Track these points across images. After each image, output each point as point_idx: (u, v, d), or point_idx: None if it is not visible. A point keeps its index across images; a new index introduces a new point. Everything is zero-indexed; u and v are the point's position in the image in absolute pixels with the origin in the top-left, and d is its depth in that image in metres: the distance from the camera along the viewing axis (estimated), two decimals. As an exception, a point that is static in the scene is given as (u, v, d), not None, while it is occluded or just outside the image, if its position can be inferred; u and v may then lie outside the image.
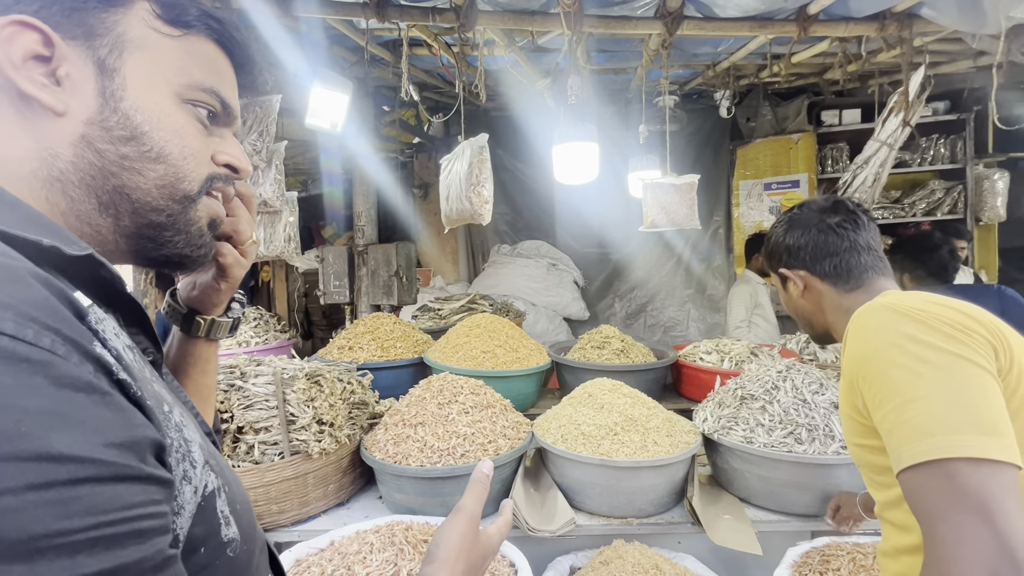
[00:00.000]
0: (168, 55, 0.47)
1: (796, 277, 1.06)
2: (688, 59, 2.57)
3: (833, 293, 1.02)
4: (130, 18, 0.46)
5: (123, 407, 0.32)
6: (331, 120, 2.19)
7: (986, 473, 0.65)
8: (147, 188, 0.46)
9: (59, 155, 0.43)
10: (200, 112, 0.49)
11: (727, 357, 2.19)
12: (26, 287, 0.32)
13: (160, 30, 0.47)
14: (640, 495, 1.53)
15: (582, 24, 1.57)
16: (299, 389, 1.54)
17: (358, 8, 1.66)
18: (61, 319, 0.32)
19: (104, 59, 0.44)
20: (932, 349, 0.74)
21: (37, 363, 0.29)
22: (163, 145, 0.46)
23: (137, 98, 0.45)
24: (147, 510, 0.31)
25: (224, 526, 0.41)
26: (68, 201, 0.43)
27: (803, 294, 1.06)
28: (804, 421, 1.56)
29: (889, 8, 1.68)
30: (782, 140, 3.86)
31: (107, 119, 0.44)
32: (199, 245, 0.51)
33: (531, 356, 2.16)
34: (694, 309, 4.34)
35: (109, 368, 0.33)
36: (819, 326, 1.08)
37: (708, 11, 1.76)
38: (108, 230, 0.46)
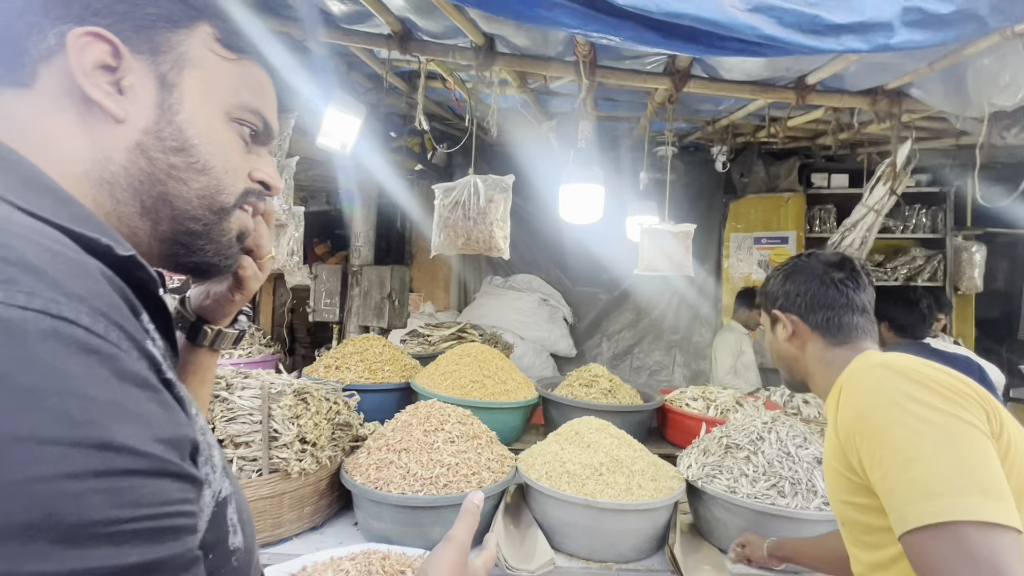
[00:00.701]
0: (222, 76, 0.50)
1: (787, 321, 1.07)
2: (690, 114, 2.69)
3: (819, 344, 1.04)
4: (192, 39, 0.49)
5: (170, 405, 0.34)
6: (342, 141, 2.24)
7: (996, 538, 0.65)
8: (189, 197, 0.48)
9: (112, 159, 0.45)
10: (244, 130, 0.52)
11: (713, 405, 2.21)
12: (96, 283, 0.33)
13: (218, 52, 0.50)
14: (622, 539, 1.51)
15: (595, 74, 1.65)
16: (285, 405, 1.52)
17: (382, 40, 1.72)
18: (123, 316, 0.33)
19: (165, 74, 0.47)
20: (932, 409, 0.74)
21: (105, 355, 0.30)
22: (208, 158, 0.49)
23: (191, 113, 0.48)
24: (183, 508, 0.32)
25: (232, 534, 0.41)
26: (113, 203, 0.46)
27: (790, 339, 1.08)
28: (788, 474, 1.57)
29: (882, 85, 1.80)
30: (773, 197, 4.00)
31: (162, 130, 0.46)
32: (227, 255, 0.53)
33: (519, 389, 2.16)
34: (680, 355, 4.37)
35: (159, 366, 0.35)
36: (798, 373, 1.10)
37: (714, 72, 1.86)
38: (145, 233, 0.48)
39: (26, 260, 0.30)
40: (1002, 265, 4.31)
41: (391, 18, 1.59)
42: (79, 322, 0.30)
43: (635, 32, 1.01)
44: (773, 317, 1.11)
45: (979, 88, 1.44)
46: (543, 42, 1.64)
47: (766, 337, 1.16)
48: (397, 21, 1.63)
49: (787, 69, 1.76)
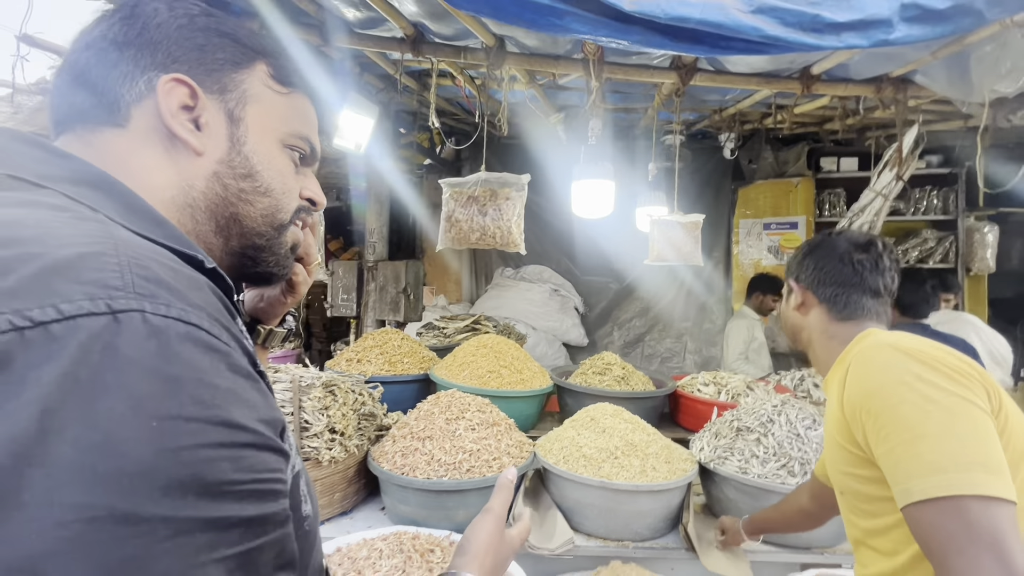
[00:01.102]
0: (277, 108, 0.57)
1: (798, 290, 1.11)
2: (697, 104, 2.71)
3: (824, 317, 1.07)
4: (252, 77, 0.55)
5: (266, 392, 0.41)
6: (356, 141, 2.30)
7: (995, 510, 0.70)
8: (255, 216, 0.55)
9: (194, 186, 0.52)
10: (295, 155, 0.59)
11: (724, 390, 2.26)
12: (207, 294, 0.40)
13: (272, 87, 0.57)
14: (638, 519, 1.58)
15: (603, 71, 1.69)
16: (315, 397, 1.60)
17: (395, 43, 1.78)
18: (228, 320, 0.40)
19: (233, 110, 0.54)
20: (937, 389, 0.78)
21: (222, 353, 0.37)
22: (270, 182, 0.55)
23: (255, 143, 0.55)
24: (278, 475, 0.39)
25: (304, 503, 0.48)
26: (193, 223, 0.52)
27: (798, 308, 1.12)
28: (797, 455, 1.62)
29: (886, 73, 1.82)
30: (782, 183, 4.01)
31: (233, 159, 0.53)
32: (285, 265, 0.60)
33: (535, 378, 2.22)
34: (691, 341, 4.41)
35: (255, 361, 0.41)
36: (800, 342, 1.15)
37: (720, 65, 1.89)
38: (218, 249, 0.54)
39: (160, 278, 0.37)
40: (1016, 245, 4.27)
41: (404, 23, 1.64)
42: (203, 326, 0.36)
43: (643, 36, 1.05)
44: (789, 286, 1.16)
45: (981, 75, 1.46)
46: (552, 42, 1.69)
47: (780, 306, 1.21)
48: (410, 25, 1.68)
49: (791, 61, 1.79)
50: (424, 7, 1.52)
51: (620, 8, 0.98)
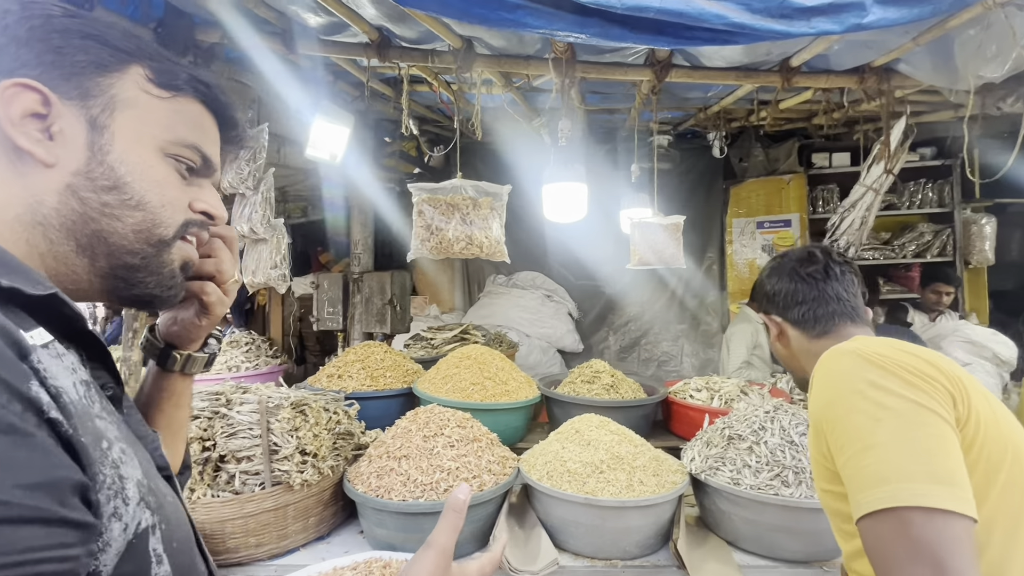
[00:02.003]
0: (156, 114, 0.52)
1: (771, 323, 1.11)
2: (679, 102, 2.66)
3: (803, 339, 1.06)
4: (124, 81, 0.51)
5: (46, 448, 0.34)
6: (331, 151, 2.25)
7: (940, 524, 0.65)
8: (124, 233, 0.49)
9: (44, 202, 0.46)
10: (180, 165, 0.54)
11: (717, 395, 2.19)
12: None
13: (151, 92, 0.52)
14: (625, 536, 1.51)
15: (574, 70, 1.64)
16: (283, 418, 1.53)
17: (360, 49, 1.72)
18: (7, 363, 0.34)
19: (96, 117, 0.49)
20: (892, 395, 0.74)
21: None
22: (143, 194, 0.50)
23: (123, 151, 0.49)
24: (51, 553, 0.32)
25: (155, 564, 0.42)
26: (48, 243, 0.47)
27: (778, 338, 1.11)
28: (791, 463, 1.55)
29: (868, 63, 1.76)
30: (774, 180, 3.95)
31: (93, 170, 0.48)
32: (169, 286, 0.54)
33: (520, 389, 2.15)
34: (688, 344, 4.34)
35: (39, 407, 0.35)
36: (796, 371, 1.12)
37: (695, 60, 1.84)
38: (84, 270, 0.49)
39: None
40: (1015, 236, 4.20)
41: (367, 27, 1.59)
42: None
43: (601, 28, 1.00)
44: (764, 322, 1.16)
45: (966, 60, 1.40)
46: (519, 42, 1.63)
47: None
48: (373, 29, 1.63)
49: (768, 53, 1.73)
50: (382, 9, 1.46)
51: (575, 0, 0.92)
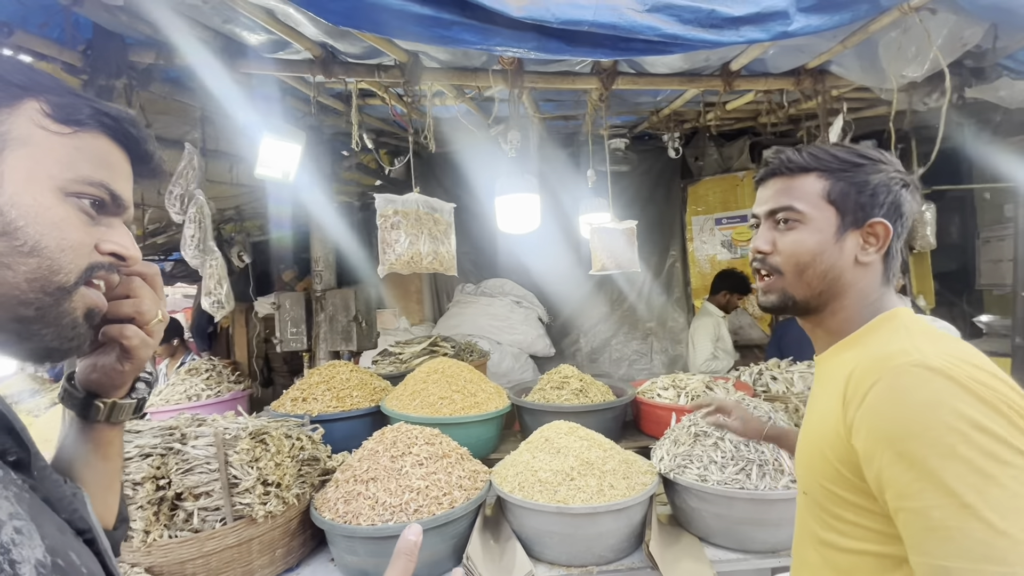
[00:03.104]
0: (54, 151, 0.48)
1: (886, 237, 0.81)
2: (631, 107, 2.71)
3: (877, 274, 0.82)
4: (16, 117, 0.47)
5: None
6: (283, 170, 2.19)
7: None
8: (15, 282, 0.45)
9: None
10: (83, 203, 0.50)
11: (683, 392, 2.23)
12: None
13: (48, 128, 0.48)
14: (599, 541, 1.51)
15: (522, 80, 1.65)
16: (242, 449, 1.48)
17: (305, 66, 1.69)
18: None
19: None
20: (1006, 447, 0.60)
21: None
22: (38, 239, 0.46)
23: (14, 194, 0.46)
24: None
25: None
26: None
27: (861, 258, 0.81)
28: (754, 456, 1.58)
29: (802, 65, 1.84)
30: (729, 178, 4.06)
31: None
32: (71, 337, 0.50)
33: (490, 400, 2.14)
34: (656, 341, 4.41)
35: None
36: (817, 296, 0.83)
37: (640, 68, 1.88)
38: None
39: None
40: (953, 220, 4.43)
41: (309, 43, 1.56)
42: None
43: (539, 42, 1.01)
44: (870, 227, 0.81)
45: (890, 61, 1.48)
46: (464, 55, 1.63)
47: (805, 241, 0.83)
48: (316, 46, 1.60)
49: (706, 59, 1.79)
50: (322, 26, 1.44)
51: (508, 14, 0.92)
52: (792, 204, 0.82)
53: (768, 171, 0.87)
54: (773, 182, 0.86)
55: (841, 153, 0.83)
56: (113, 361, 0.61)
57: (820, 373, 0.88)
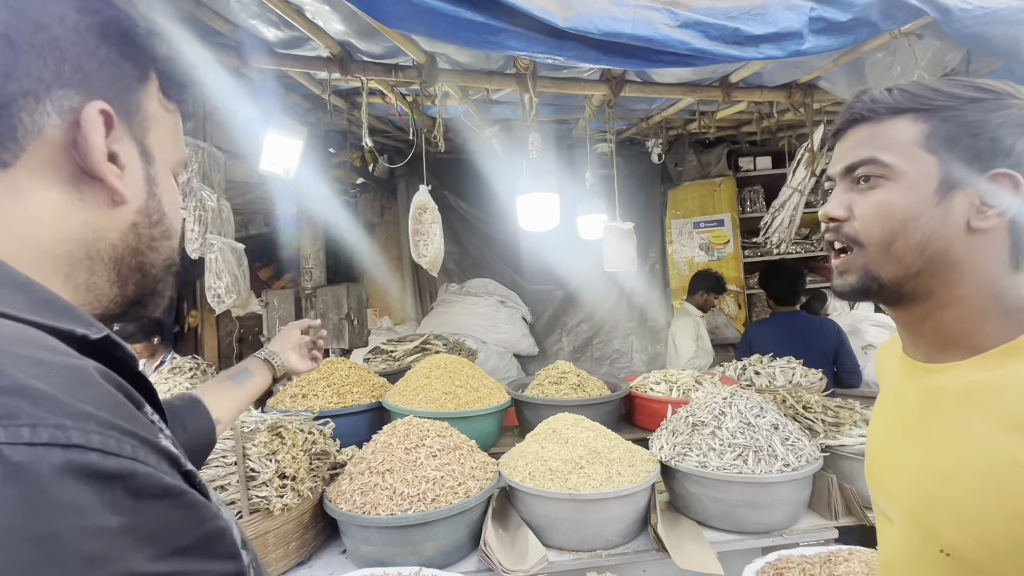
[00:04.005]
0: (171, 132, 0.47)
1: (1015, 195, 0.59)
2: (625, 113, 2.82)
3: (1004, 255, 0.61)
4: (150, 91, 0.44)
5: (195, 503, 0.32)
6: (284, 166, 2.19)
7: None
8: (158, 262, 0.46)
9: (104, 238, 0.42)
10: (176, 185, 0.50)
11: (675, 387, 2.33)
12: (96, 388, 0.30)
13: (165, 106, 0.46)
14: (608, 526, 1.58)
15: (536, 84, 1.71)
16: (260, 443, 1.49)
17: (321, 63, 1.71)
18: (132, 416, 0.31)
19: (142, 140, 0.43)
20: None
21: (122, 475, 0.28)
22: (174, 224, 0.47)
23: (162, 181, 0.46)
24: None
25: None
26: (87, 275, 0.42)
27: (975, 223, 0.60)
28: (750, 443, 1.69)
29: (795, 80, 1.99)
30: (707, 183, 4.24)
31: (151, 207, 0.44)
32: (165, 303, 0.51)
33: (491, 395, 2.19)
34: (637, 340, 4.54)
35: (178, 461, 0.33)
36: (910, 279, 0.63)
37: (647, 76, 1.98)
38: (109, 298, 0.44)
39: (20, 383, 0.27)
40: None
41: (330, 42, 1.58)
42: (91, 445, 0.27)
43: (578, 51, 1.08)
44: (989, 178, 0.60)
45: (876, 79, 1.63)
46: (485, 58, 1.69)
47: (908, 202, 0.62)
48: (336, 44, 1.62)
49: (712, 71, 1.91)
50: (352, 26, 1.47)
51: (554, 24, 0.99)
52: (875, 156, 0.62)
53: (847, 118, 0.66)
54: (853, 131, 0.65)
55: (948, 87, 0.62)
56: None
57: (944, 390, 0.62)
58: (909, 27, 1.30)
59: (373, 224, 4.69)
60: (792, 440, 1.71)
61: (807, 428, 1.93)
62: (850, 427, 1.92)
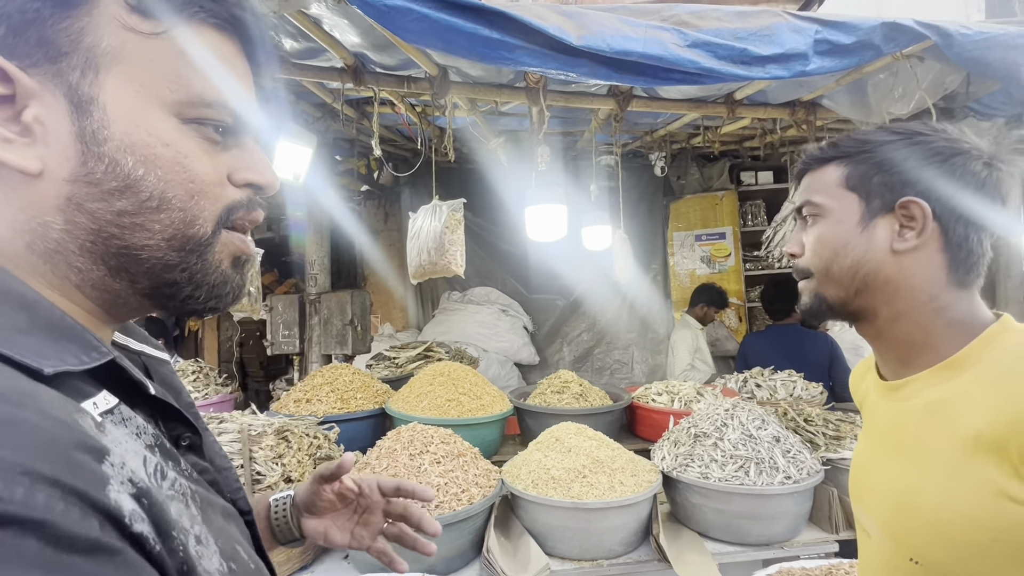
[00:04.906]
0: (156, 63, 0.36)
1: (922, 218, 0.66)
2: (630, 127, 2.87)
3: (939, 273, 0.66)
4: (98, 20, 0.34)
5: (133, 565, 0.28)
6: (294, 172, 2.22)
7: None
8: (155, 244, 0.37)
9: (49, 224, 0.34)
10: (206, 130, 0.38)
11: (676, 398, 2.35)
12: (27, 432, 0.27)
13: (139, 29, 0.35)
14: (610, 535, 1.59)
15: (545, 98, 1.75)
16: (267, 446, 1.50)
17: (335, 73, 1.74)
18: (65, 466, 0.27)
19: (76, 86, 0.34)
20: None
21: (28, 524, 0.24)
22: (163, 188, 0.36)
23: (126, 134, 0.35)
24: None
25: None
26: (77, 273, 0.36)
27: (897, 245, 0.67)
28: (751, 455, 1.71)
29: (798, 98, 2.03)
30: (709, 197, 4.28)
31: (92, 171, 0.34)
32: (224, 293, 0.42)
33: (494, 403, 2.21)
34: (637, 351, 4.56)
35: (120, 520, 0.28)
36: (852, 298, 0.71)
37: (653, 92, 2.02)
38: (126, 292, 0.39)
39: None
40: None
41: (345, 53, 1.62)
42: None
43: (590, 68, 1.11)
44: (903, 207, 0.67)
45: (878, 99, 1.67)
46: (496, 72, 1.73)
47: (832, 239, 0.72)
48: (351, 56, 1.66)
49: (718, 88, 1.96)
50: (368, 39, 1.51)
51: (568, 43, 1.02)
52: (810, 198, 0.74)
53: (798, 172, 0.80)
54: (803, 180, 0.78)
55: (865, 135, 0.72)
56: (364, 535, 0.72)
57: (907, 406, 0.68)
58: (911, 50, 1.34)
59: (377, 231, 4.72)
60: (793, 453, 1.73)
61: (808, 441, 1.94)
62: (851, 440, 1.94)
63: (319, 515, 0.72)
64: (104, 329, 0.41)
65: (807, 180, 0.77)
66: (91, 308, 0.39)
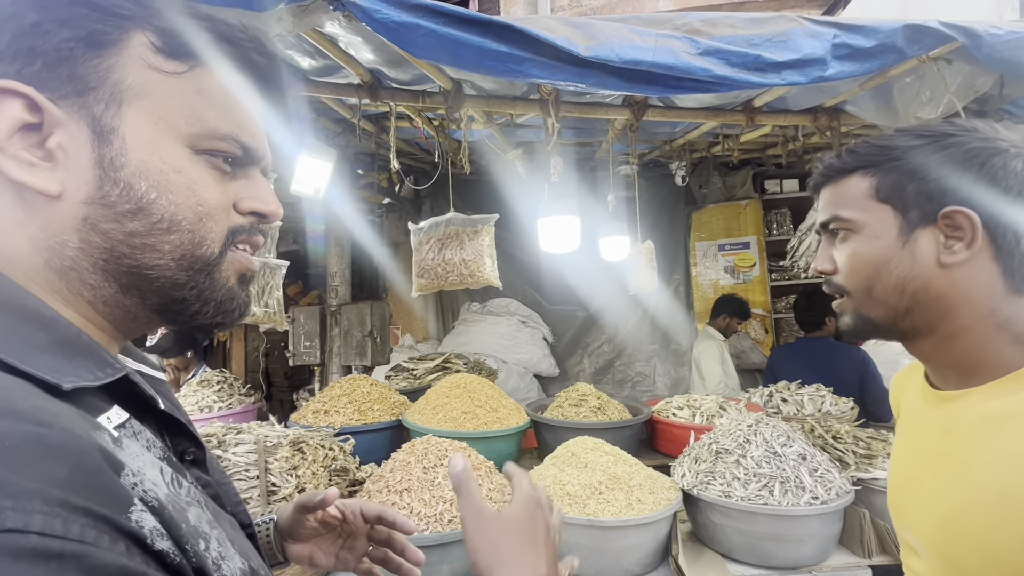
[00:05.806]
0: (176, 99, 0.40)
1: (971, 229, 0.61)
2: (648, 136, 2.84)
3: (995, 282, 0.62)
4: (126, 59, 0.38)
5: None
6: (315, 187, 2.27)
7: None
8: (165, 264, 0.40)
9: (66, 243, 0.38)
10: (217, 161, 0.42)
11: (698, 412, 2.28)
12: (55, 460, 0.28)
13: (162, 68, 0.39)
14: (627, 554, 1.54)
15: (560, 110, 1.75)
16: (282, 457, 1.51)
17: (351, 89, 1.78)
18: (92, 491, 0.29)
19: (100, 117, 0.37)
20: None
21: (69, 557, 0.26)
22: (173, 211, 0.39)
23: (141, 162, 0.38)
24: None
25: None
26: (90, 290, 0.39)
27: (945, 259, 0.62)
28: (776, 473, 1.64)
29: (820, 104, 1.98)
30: (732, 205, 4.20)
31: (108, 194, 0.38)
32: (231, 308, 0.45)
33: (511, 416, 2.18)
34: (659, 363, 4.47)
35: (143, 541, 0.30)
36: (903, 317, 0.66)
37: (669, 101, 2.00)
38: (137, 308, 0.42)
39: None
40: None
41: (361, 70, 1.65)
42: (29, 528, 0.25)
43: (600, 79, 1.10)
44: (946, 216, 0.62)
45: (905, 103, 1.61)
46: (509, 84, 1.74)
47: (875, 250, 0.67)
48: (367, 72, 1.69)
49: (735, 96, 1.92)
50: (382, 55, 1.53)
51: (576, 54, 1.02)
52: (837, 213, 0.69)
53: (815, 184, 0.75)
54: (823, 193, 0.73)
55: (888, 140, 0.67)
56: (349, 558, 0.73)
57: (962, 416, 0.64)
58: (937, 52, 1.29)
59: (398, 243, 4.78)
60: (821, 471, 1.65)
61: (837, 459, 1.86)
62: (883, 459, 1.84)
63: (302, 541, 0.74)
64: (113, 345, 0.44)
65: (829, 193, 0.72)
66: (102, 324, 0.42)
